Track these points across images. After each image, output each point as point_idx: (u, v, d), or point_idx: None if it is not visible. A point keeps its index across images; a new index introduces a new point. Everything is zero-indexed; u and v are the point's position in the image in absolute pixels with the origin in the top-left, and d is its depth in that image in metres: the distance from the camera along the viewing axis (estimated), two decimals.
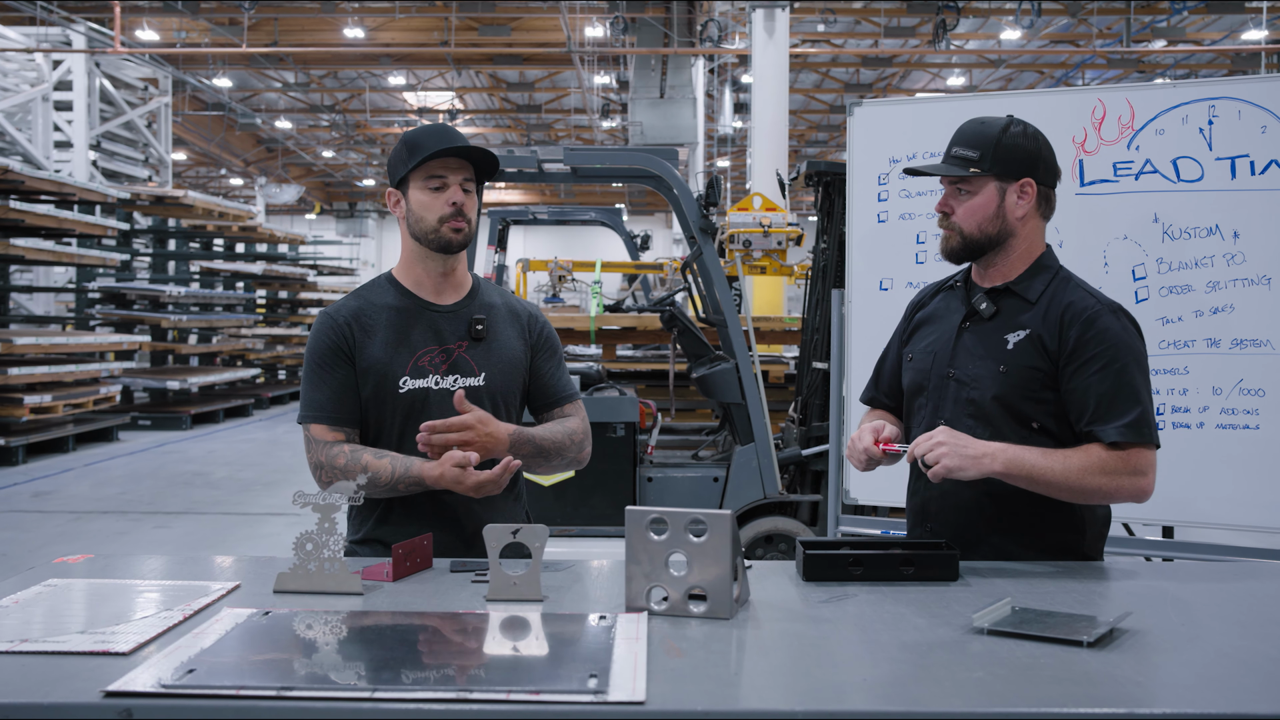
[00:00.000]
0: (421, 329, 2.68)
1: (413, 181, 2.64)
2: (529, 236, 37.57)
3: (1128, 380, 2.47)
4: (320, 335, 2.64)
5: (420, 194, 2.64)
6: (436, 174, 2.63)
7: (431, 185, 2.63)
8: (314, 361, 2.64)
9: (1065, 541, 2.57)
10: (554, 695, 1.56)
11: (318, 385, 2.62)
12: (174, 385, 14.94)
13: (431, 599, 2.11)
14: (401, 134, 2.73)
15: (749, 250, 8.17)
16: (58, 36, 18.80)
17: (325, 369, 2.62)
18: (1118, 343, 2.49)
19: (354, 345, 2.62)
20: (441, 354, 2.68)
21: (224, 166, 37.74)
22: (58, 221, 12.17)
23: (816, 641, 1.88)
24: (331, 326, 2.64)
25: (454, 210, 2.63)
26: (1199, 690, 1.62)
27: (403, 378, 2.62)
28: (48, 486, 10.31)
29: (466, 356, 2.70)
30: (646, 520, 2.01)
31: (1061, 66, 26.13)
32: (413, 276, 2.73)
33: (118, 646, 1.75)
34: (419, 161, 2.60)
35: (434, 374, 2.66)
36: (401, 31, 24.00)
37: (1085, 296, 2.56)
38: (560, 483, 6.08)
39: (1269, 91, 3.83)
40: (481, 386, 2.70)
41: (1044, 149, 2.60)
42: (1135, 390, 2.46)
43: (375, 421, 2.65)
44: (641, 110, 20.94)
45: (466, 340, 2.71)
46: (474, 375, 2.70)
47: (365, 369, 2.62)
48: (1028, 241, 2.61)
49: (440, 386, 2.65)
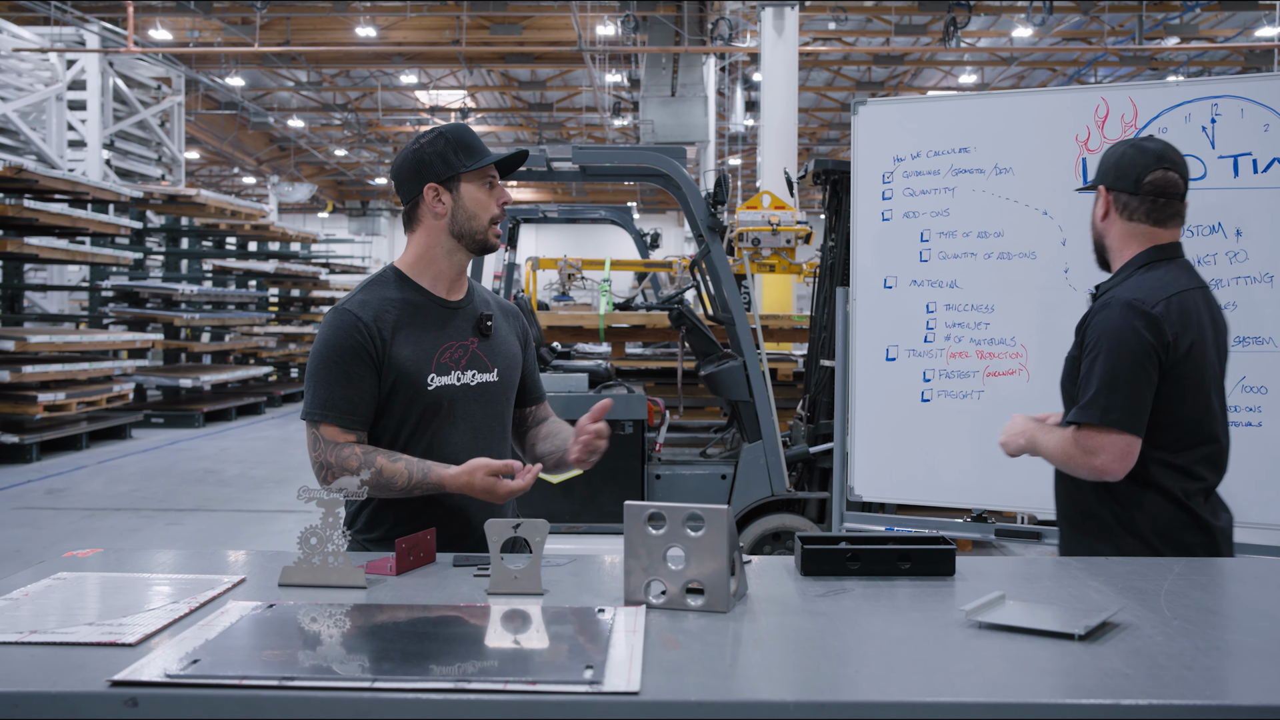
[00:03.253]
0: (438, 326, 2.69)
1: (468, 180, 2.66)
2: (541, 235, 37.65)
3: (1099, 366, 2.65)
4: (342, 333, 2.59)
5: (478, 193, 2.67)
6: (490, 175, 2.69)
7: (487, 185, 2.68)
8: (332, 359, 2.58)
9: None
10: (550, 685, 1.59)
11: (335, 384, 2.57)
12: (187, 383, 15.02)
13: (434, 592, 2.14)
14: (435, 129, 2.70)
15: (758, 248, 8.20)
16: (71, 36, 18.92)
17: (345, 368, 2.57)
18: (1103, 331, 2.66)
19: (380, 345, 2.59)
20: (460, 349, 2.70)
21: (237, 165, 37.91)
22: (71, 220, 12.25)
23: (812, 634, 1.90)
24: (356, 326, 2.59)
25: (502, 212, 2.70)
26: (1185, 682, 1.64)
27: (430, 375, 2.63)
28: (61, 484, 10.39)
29: (479, 353, 2.73)
30: (645, 515, 2.04)
31: (1074, 64, 26.09)
32: (431, 273, 2.72)
33: (125, 638, 1.79)
34: (482, 164, 2.65)
35: (456, 370, 2.68)
36: (413, 30, 24.08)
37: (1120, 292, 2.72)
38: (569, 480, 6.10)
39: (1272, 90, 3.84)
40: (496, 382, 2.74)
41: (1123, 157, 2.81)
42: (1099, 374, 2.64)
43: (396, 419, 2.63)
44: (653, 108, 20.99)
45: (476, 337, 2.74)
46: (489, 371, 2.73)
47: (393, 368, 2.59)
48: (1118, 242, 2.82)
49: (462, 382, 2.68)
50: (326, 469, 2.54)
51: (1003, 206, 4.23)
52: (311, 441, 2.58)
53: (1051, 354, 4.17)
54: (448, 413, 2.63)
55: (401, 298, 2.68)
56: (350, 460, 2.52)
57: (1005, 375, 4.24)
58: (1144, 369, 2.62)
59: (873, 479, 4.51)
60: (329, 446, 2.55)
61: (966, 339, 4.30)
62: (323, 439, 2.56)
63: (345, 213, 45.23)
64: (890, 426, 4.47)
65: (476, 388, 2.69)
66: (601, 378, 6.91)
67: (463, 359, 2.69)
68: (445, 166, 2.65)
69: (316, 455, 2.57)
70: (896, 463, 4.46)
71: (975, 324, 4.28)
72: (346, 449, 2.55)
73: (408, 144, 2.73)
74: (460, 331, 2.72)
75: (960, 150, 4.28)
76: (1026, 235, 4.20)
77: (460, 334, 2.72)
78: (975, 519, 4.37)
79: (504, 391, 2.76)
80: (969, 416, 4.31)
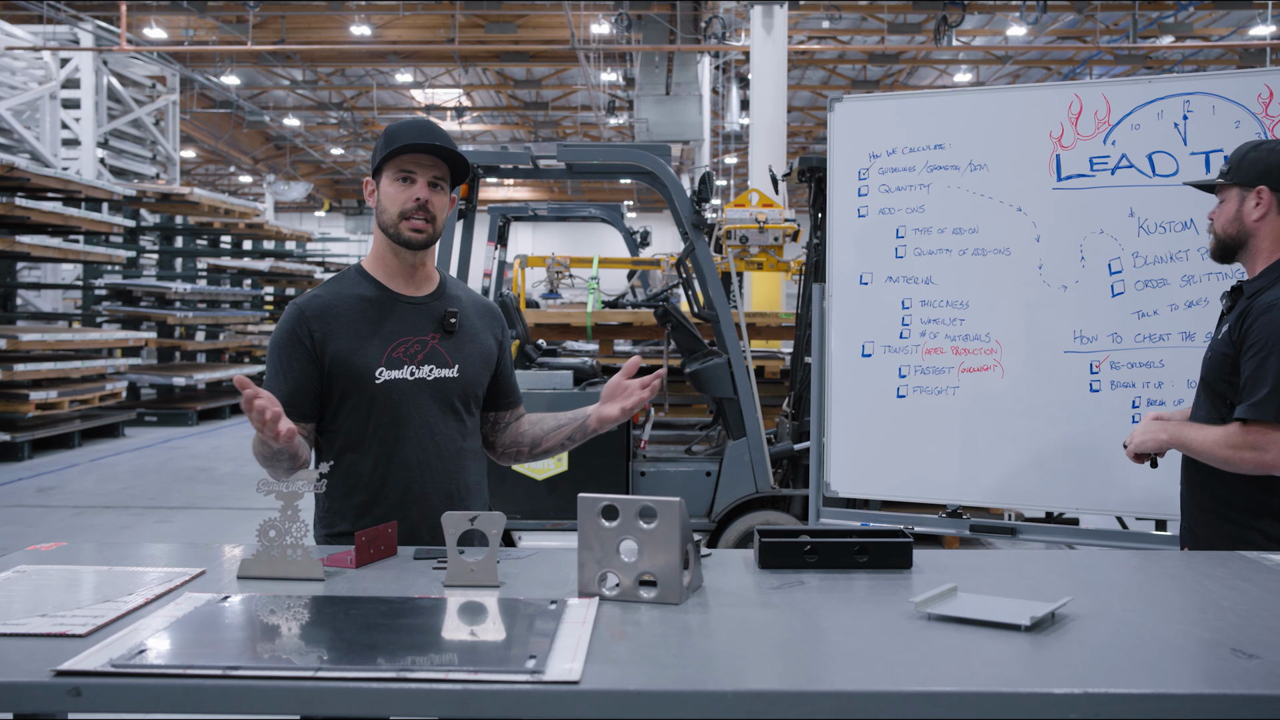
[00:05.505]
0: (395, 320, 2.69)
1: (385, 172, 2.65)
2: (536, 233, 37.66)
3: (1271, 365, 2.74)
4: (285, 327, 2.63)
5: (389, 185, 2.65)
6: (407, 168, 2.64)
7: (400, 178, 2.64)
8: (274, 351, 2.63)
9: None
10: (492, 675, 1.60)
11: (274, 376, 2.61)
12: (180, 381, 15.02)
13: (391, 585, 2.15)
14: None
15: (745, 246, 8.22)
16: (65, 35, 18.91)
17: (286, 361, 2.61)
18: (1275, 331, 2.76)
19: (317, 339, 2.61)
20: (417, 344, 2.70)
21: (233, 164, 37.91)
22: (64, 219, 12.25)
23: (762, 626, 1.92)
24: (298, 319, 2.62)
25: (416, 205, 2.63)
26: (1124, 670, 1.65)
27: (379, 369, 2.63)
28: (52, 482, 10.40)
29: (440, 348, 2.73)
30: (598, 507, 2.06)
31: (1069, 63, 26.11)
32: (385, 268, 2.73)
33: (75, 629, 1.80)
34: (391, 153, 2.61)
35: (410, 365, 2.68)
36: (408, 29, 24.08)
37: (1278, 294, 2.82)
38: (553, 476, 6.12)
39: (1242, 87, 3.85)
40: (455, 378, 2.74)
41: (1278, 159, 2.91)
42: (1273, 373, 2.74)
43: (351, 414, 2.64)
44: (647, 107, 20.98)
45: (439, 333, 2.74)
46: (449, 367, 2.73)
47: (334, 362, 2.60)
48: (1269, 243, 2.92)
49: (416, 377, 2.68)
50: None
51: (977, 203, 4.24)
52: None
53: (1026, 350, 4.20)
54: (398, 406, 2.64)
55: (357, 294, 2.69)
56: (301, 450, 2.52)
57: (980, 371, 4.25)
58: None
59: (850, 475, 4.52)
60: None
61: (942, 335, 4.31)
62: None
63: (341, 211, 45.21)
64: (867, 423, 4.48)
65: (432, 382, 2.70)
66: (587, 375, 6.93)
67: (419, 354, 2.69)
68: (375, 160, 2.67)
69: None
70: (873, 459, 4.47)
71: (950, 320, 4.29)
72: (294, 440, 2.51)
73: None
74: (419, 327, 2.71)
75: (935, 147, 4.29)
76: (1001, 232, 4.21)
77: (419, 329, 2.71)
78: (951, 514, 4.38)
79: (465, 388, 2.75)
80: (944, 412, 4.32)
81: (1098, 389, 4.08)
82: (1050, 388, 4.16)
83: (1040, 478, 4.19)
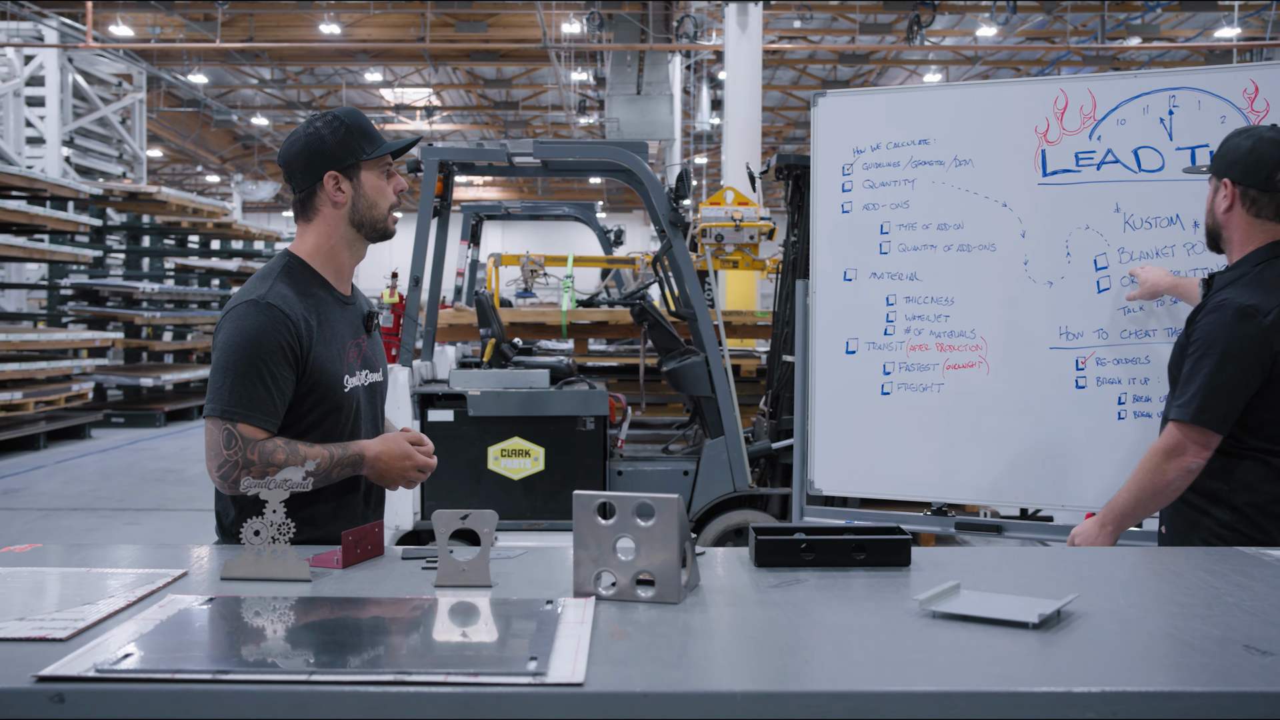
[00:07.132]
0: (340, 323, 2.61)
1: (367, 168, 2.58)
2: (506, 232, 37.52)
3: (1203, 369, 2.73)
4: (270, 330, 2.43)
5: (377, 180, 2.59)
6: (387, 163, 2.62)
7: (384, 172, 2.61)
8: (257, 356, 2.42)
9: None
10: (493, 677, 1.55)
11: (258, 382, 2.42)
12: (148, 382, 14.85)
13: (380, 585, 2.10)
14: (329, 113, 2.57)
15: (721, 244, 8.18)
16: (29, 31, 18.66)
17: (271, 367, 2.43)
18: (1213, 335, 2.73)
19: (304, 346, 2.48)
20: (354, 348, 2.63)
21: (200, 163, 37.58)
22: (29, 217, 12.06)
23: (763, 625, 1.87)
24: (284, 323, 2.45)
25: (399, 199, 2.64)
26: (1138, 668, 1.63)
27: (344, 376, 2.56)
28: (17, 484, 10.24)
29: (369, 351, 2.68)
30: (594, 505, 2.01)
31: (1037, 63, 26.26)
32: (333, 265, 2.62)
33: (56, 633, 1.73)
34: (381, 151, 2.57)
35: (358, 370, 2.62)
36: (378, 28, 23.93)
37: (1235, 296, 2.76)
38: (529, 476, 6.06)
39: (1228, 82, 3.84)
40: (381, 382, 2.72)
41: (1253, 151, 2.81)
42: (1202, 377, 2.72)
43: (318, 423, 2.54)
44: (618, 107, 20.95)
45: (364, 335, 2.69)
46: (376, 371, 2.69)
47: (314, 369, 2.50)
48: (1239, 235, 2.86)
49: (368, 382, 2.65)
50: (242, 468, 2.40)
51: (962, 198, 4.21)
52: (223, 439, 2.41)
53: (1011, 346, 4.18)
54: (353, 414, 2.58)
55: (314, 292, 2.58)
56: (277, 454, 2.40)
57: (965, 368, 4.23)
58: (1245, 378, 2.71)
59: (833, 473, 4.49)
60: (248, 444, 2.40)
61: (926, 331, 4.28)
62: (240, 437, 2.40)
63: None
64: (850, 420, 4.45)
65: (368, 388, 2.66)
66: (563, 374, 6.87)
67: (357, 358, 2.63)
68: (346, 154, 2.54)
69: (230, 454, 2.40)
70: (856, 456, 4.44)
71: (935, 316, 4.27)
72: (270, 444, 2.41)
73: (298, 129, 2.59)
74: (355, 329, 2.65)
75: (920, 142, 4.27)
76: (986, 227, 4.19)
77: (355, 332, 2.65)
78: (936, 513, 4.36)
79: (385, 392, 2.76)
80: (929, 409, 4.30)
81: (1083, 385, 4.07)
82: (1036, 384, 4.14)
83: (1025, 475, 4.17)
